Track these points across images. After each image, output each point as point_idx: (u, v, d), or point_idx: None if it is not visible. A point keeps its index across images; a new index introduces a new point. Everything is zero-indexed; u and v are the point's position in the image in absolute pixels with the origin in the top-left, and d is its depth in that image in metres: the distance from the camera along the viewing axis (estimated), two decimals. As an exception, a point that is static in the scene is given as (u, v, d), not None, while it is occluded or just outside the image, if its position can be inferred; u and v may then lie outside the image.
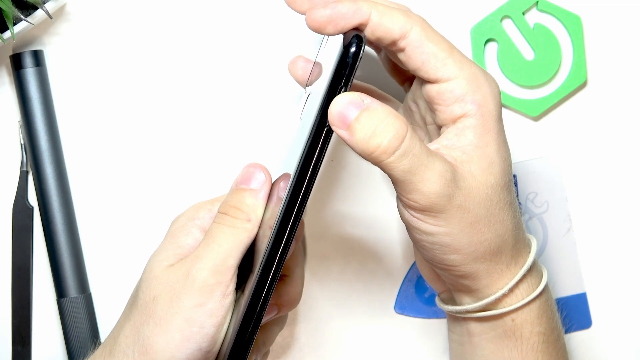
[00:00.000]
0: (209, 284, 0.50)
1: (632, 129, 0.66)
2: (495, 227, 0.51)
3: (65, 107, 0.64)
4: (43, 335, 0.64)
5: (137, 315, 0.52)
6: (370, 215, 0.65)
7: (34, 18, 0.59)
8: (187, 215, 0.55)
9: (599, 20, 0.65)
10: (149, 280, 0.52)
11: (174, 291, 0.51)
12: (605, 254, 0.66)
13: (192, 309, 0.50)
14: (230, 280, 0.51)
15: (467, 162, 0.50)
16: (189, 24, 0.64)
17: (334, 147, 0.65)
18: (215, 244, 0.51)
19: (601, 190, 0.66)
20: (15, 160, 0.64)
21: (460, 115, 0.51)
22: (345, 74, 0.48)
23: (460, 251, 0.51)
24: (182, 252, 0.53)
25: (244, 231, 0.52)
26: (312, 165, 0.49)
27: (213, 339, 0.51)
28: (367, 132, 0.47)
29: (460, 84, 0.50)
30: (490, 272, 0.52)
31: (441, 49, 0.50)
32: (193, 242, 0.53)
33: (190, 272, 0.51)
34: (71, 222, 0.63)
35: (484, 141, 0.51)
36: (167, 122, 0.64)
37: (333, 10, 0.49)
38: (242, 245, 0.51)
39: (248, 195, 0.53)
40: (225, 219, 0.52)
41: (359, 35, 0.48)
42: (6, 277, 0.64)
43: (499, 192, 0.51)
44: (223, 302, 0.50)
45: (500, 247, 0.52)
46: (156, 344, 0.50)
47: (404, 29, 0.50)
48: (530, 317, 0.53)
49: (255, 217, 0.52)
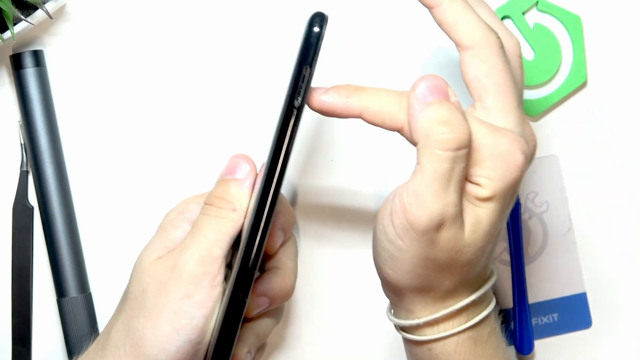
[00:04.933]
0: (196, 275, 0.50)
1: (632, 129, 0.66)
2: (442, 275, 0.50)
3: (65, 107, 0.64)
4: (43, 335, 0.64)
5: (127, 309, 0.52)
6: (370, 213, 0.65)
7: (34, 18, 0.59)
8: (177, 209, 0.55)
9: (599, 20, 0.65)
10: (138, 273, 0.52)
11: (162, 283, 0.51)
12: (605, 254, 0.66)
13: (181, 301, 0.50)
14: (217, 271, 0.51)
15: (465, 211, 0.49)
16: (188, 24, 0.64)
17: (334, 147, 0.65)
18: (201, 234, 0.51)
19: (601, 190, 0.66)
20: (15, 160, 0.64)
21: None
22: (311, 54, 0.48)
23: (397, 271, 0.50)
24: (170, 245, 0.53)
25: (229, 221, 0.52)
26: (284, 147, 0.49)
27: (202, 330, 0.51)
28: (442, 117, 0.46)
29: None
30: (414, 301, 0.51)
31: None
32: (182, 235, 0.53)
33: (177, 264, 0.51)
34: (71, 222, 0.63)
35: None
36: (167, 121, 0.64)
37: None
38: (228, 235, 0.51)
39: (233, 185, 0.53)
40: (211, 209, 0.52)
41: (321, 14, 0.48)
42: (6, 277, 0.64)
43: (472, 252, 0.49)
44: (211, 293, 0.50)
45: (433, 288, 0.51)
46: (146, 336, 0.50)
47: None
48: (446, 351, 0.52)
49: (240, 207, 0.52)
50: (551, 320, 0.66)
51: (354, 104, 0.49)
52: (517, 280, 0.65)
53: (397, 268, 0.50)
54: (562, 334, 0.66)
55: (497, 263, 0.66)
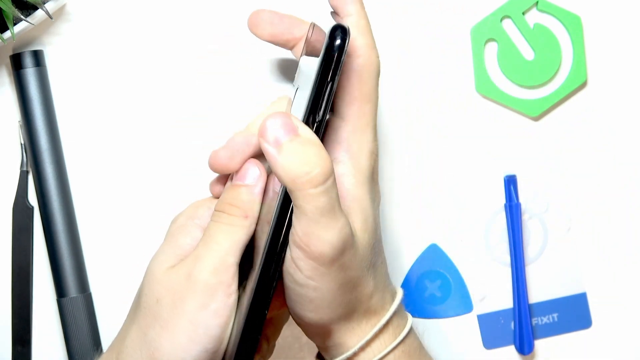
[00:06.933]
0: (211, 285, 0.50)
1: (632, 129, 0.66)
2: (357, 290, 0.51)
3: (65, 107, 0.64)
4: (43, 335, 0.64)
5: (141, 319, 0.51)
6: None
7: (34, 18, 0.59)
8: (187, 215, 0.54)
9: (599, 20, 0.65)
10: (150, 283, 0.52)
11: (177, 293, 0.50)
12: (605, 254, 0.66)
13: (197, 311, 0.50)
14: (232, 279, 0.51)
15: (348, 215, 0.50)
16: (188, 24, 0.64)
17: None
18: (213, 243, 0.51)
19: (601, 191, 0.66)
20: (15, 160, 0.64)
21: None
22: (331, 70, 0.48)
23: (319, 310, 0.50)
24: (182, 252, 0.53)
25: (242, 228, 0.51)
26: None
27: (219, 339, 0.50)
28: (299, 157, 0.47)
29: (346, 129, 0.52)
30: (341, 331, 0.52)
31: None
32: (193, 242, 0.53)
33: (192, 274, 0.50)
34: (71, 222, 0.63)
35: (359, 193, 0.51)
36: (167, 121, 0.64)
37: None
38: (240, 243, 0.51)
39: (244, 191, 0.52)
40: (222, 217, 0.52)
41: (342, 26, 0.48)
42: (6, 277, 0.64)
43: (369, 252, 0.51)
44: (227, 301, 0.50)
45: (355, 308, 0.51)
46: (163, 347, 0.50)
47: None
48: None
49: (252, 213, 0.52)
50: (551, 320, 0.66)
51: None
52: (517, 280, 0.65)
53: (317, 307, 0.50)
54: (562, 334, 0.66)
55: (497, 263, 0.66)
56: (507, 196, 0.65)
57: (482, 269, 0.66)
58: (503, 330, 0.66)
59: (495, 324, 0.66)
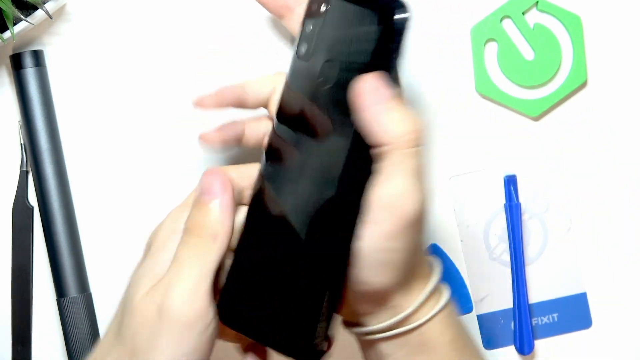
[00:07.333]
0: (185, 319, 0.48)
1: (632, 129, 0.66)
2: (420, 253, 0.52)
3: (65, 107, 0.64)
4: (43, 335, 0.64)
5: (120, 349, 0.50)
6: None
7: (34, 18, 0.59)
8: (167, 228, 0.52)
9: (599, 20, 0.65)
10: (129, 311, 0.50)
11: (151, 329, 0.48)
12: (605, 254, 0.66)
13: (174, 349, 0.48)
14: (207, 308, 0.49)
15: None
16: (188, 24, 0.64)
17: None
18: (184, 268, 0.49)
19: (601, 191, 0.66)
20: (15, 160, 0.64)
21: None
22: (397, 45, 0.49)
23: (389, 274, 0.50)
24: (159, 271, 0.50)
25: (212, 251, 0.49)
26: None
27: None
28: (403, 116, 0.48)
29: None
30: (398, 294, 0.52)
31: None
32: (170, 258, 0.51)
33: (163, 307, 0.48)
34: (71, 222, 0.63)
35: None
36: (167, 121, 0.64)
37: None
38: (212, 265, 0.49)
39: (211, 209, 0.50)
40: (191, 239, 0.50)
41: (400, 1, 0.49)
42: (6, 277, 0.64)
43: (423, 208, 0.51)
44: (204, 335, 0.49)
45: (414, 271, 0.52)
46: None
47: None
48: (436, 329, 0.52)
49: (223, 232, 0.49)
50: (551, 320, 0.66)
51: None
52: (517, 280, 0.65)
53: (390, 270, 0.50)
54: (562, 334, 0.66)
55: (497, 263, 0.66)
56: (507, 196, 0.65)
57: (482, 269, 0.66)
58: (503, 330, 0.66)
59: (495, 324, 0.66)
